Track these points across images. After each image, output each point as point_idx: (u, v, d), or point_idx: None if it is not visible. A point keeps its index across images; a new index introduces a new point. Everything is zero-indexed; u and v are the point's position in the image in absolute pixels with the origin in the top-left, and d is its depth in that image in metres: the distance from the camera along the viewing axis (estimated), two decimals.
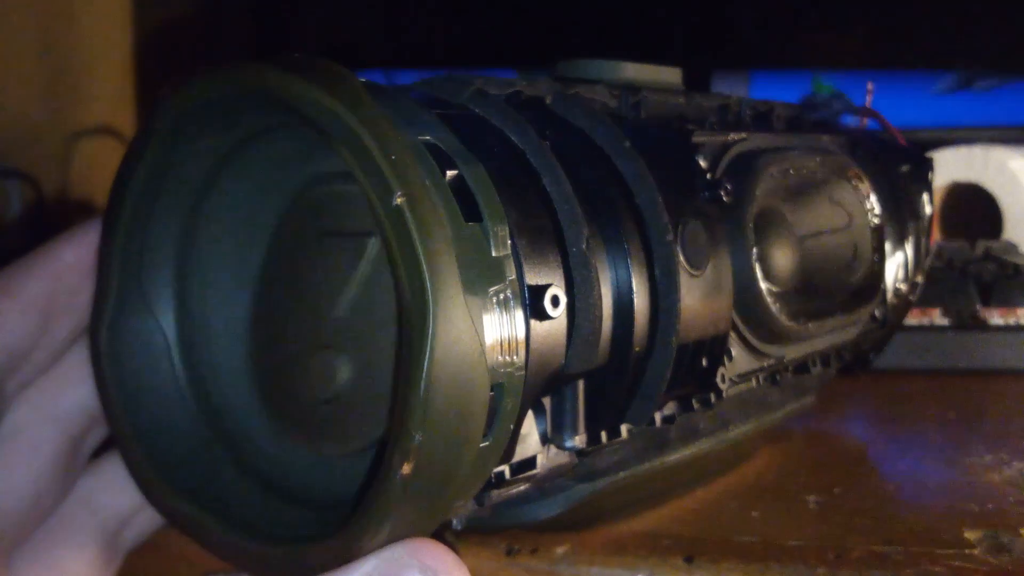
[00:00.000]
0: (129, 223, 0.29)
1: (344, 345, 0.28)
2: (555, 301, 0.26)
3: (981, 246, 0.74)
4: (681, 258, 0.31)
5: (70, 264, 0.31)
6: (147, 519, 0.33)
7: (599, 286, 0.28)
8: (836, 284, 0.42)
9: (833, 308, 0.41)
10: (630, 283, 0.29)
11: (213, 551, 0.29)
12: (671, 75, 0.39)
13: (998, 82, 0.83)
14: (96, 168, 0.93)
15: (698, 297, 0.32)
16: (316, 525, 0.28)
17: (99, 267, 0.30)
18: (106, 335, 0.30)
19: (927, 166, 0.50)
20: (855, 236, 0.44)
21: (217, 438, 0.31)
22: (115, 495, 0.33)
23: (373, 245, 0.28)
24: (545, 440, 0.29)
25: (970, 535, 0.35)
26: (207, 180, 0.30)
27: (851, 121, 0.53)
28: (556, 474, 0.30)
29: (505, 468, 0.28)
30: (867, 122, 0.56)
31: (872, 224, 0.45)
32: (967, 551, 0.33)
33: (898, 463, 0.43)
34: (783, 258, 0.39)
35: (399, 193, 0.23)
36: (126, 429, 0.30)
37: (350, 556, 0.25)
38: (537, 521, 0.33)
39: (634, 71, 0.37)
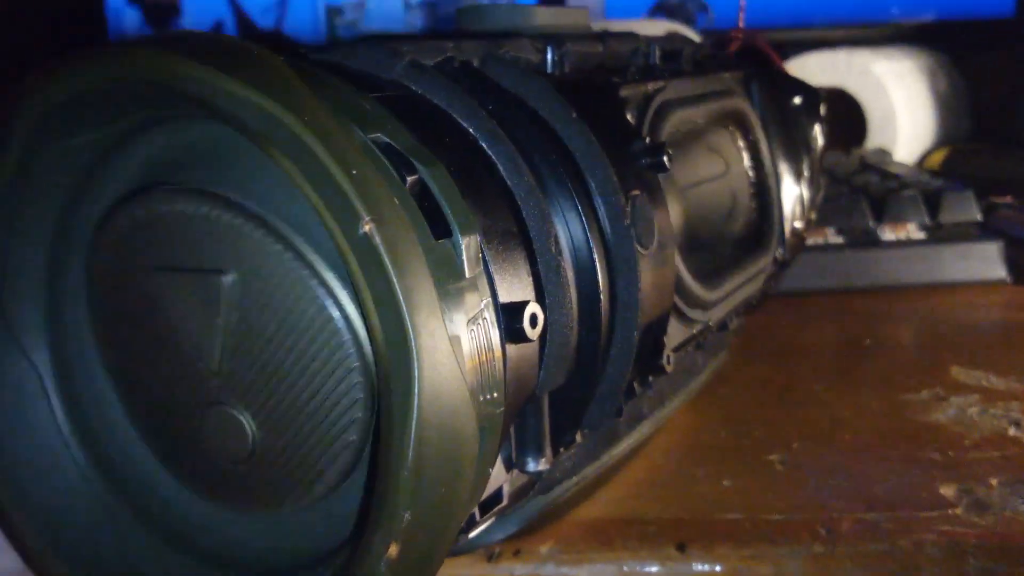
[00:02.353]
0: None
1: (237, 400, 0.23)
2: (533, 320, 0.22)
3: (855, 155, 0.74)
4: (634, 240, 0.28)
5: None
6: None
7: (570, 292, 0.24)
8: (718, 236, 0.40)
9: (725, 263, 0.39)
10: (595, 282, 0.26)
11: None
12: (580, 16, 0.35)
13: None
14: None
15: (648, 278, 0.29)
16: None
17: None
18: None
19: (818, 97, 0.48)
20: (732, 183, 0.41)
21: (116, 494, 0.25)
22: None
23: (231, 286, 0.22)
24: (510, 466, 0.26)
25: (945, 491, 0.34)
26: (83, 179, 0.24)
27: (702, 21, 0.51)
28: (518, 498, 0.27)
29: (475, 510, 0.24)
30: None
31: (748, 171, 0.43)
32: (950, 511, 0.32)
33: (837, 404, 0.41)
34: (676, 216, 0.36)
35: (367, 218, 0.19)
36: (3, 494, 0.24)
37: None
38: (491, 543, 0.29)
39: (546, 16, 0.33)
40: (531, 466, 0.26)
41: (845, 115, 0.83)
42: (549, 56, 0.31)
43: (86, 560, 0.24)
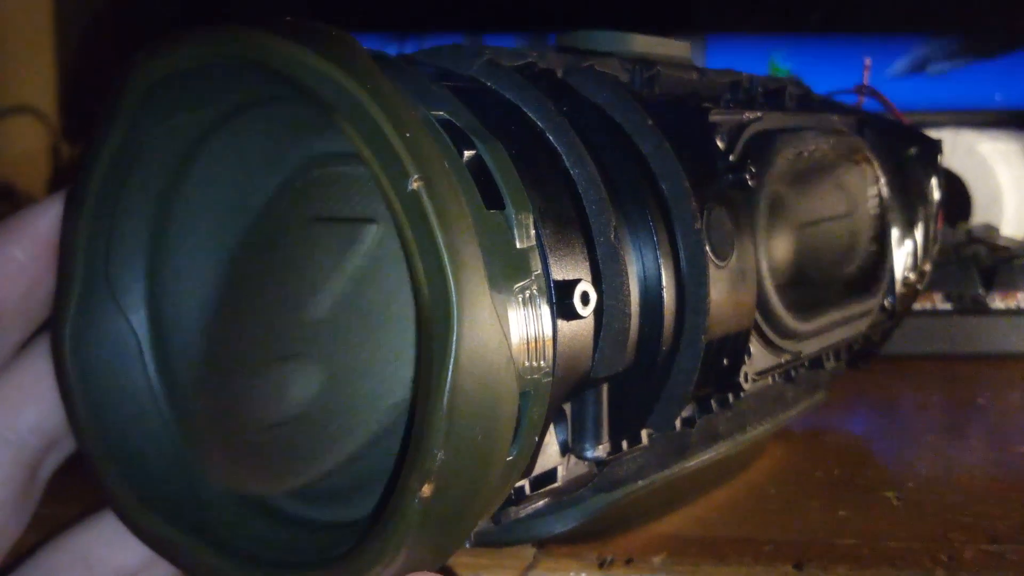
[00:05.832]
0: (95, 209, 0.26)
1: (312, 354, 0.25)
2: (585, 299, 0.23)
3: (962, 229, 0.73)
4: (707, 248, 0.28)
5: (22, 264, 0.27)
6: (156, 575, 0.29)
7: (628, 281, 0.25)
8: (828, 276, 0.40)
9: (828, 301, 0.39)
10: (659, 276, 0.27)
11: None
12: (680, 49, 0.36)
13: (951, 65, 0.82)
14: (14, 147, 0.91)
15: (724, 290, 0.29)
16: (314, 550, 0.25)
17: (61, 261, 0.27)
18: (70, 338, 0.26)
19: (935, 148, 0.48)
20: (854, 225, 0.41)
21: (193, 448, 0.27)
22: (117, 551, 0.28)
23: (372, 234, 0.25)
24: (565, 450, 0.26)
25: None
26: (184, 158, 0.26)
27: (846, 99, 0.51)
28: (575, 486, 0.27)
29: (525, 483, 0.25)
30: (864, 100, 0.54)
31: (872, 212, 0.42)
32: None
33: (951, 452, 0.41)
34: (782, 248, 0.36)
35: (415, 176, 0.20)
36: (95, 443, 0.26)
37: None
38: (551, 535, 0.30)
39: (644, 44, 0.35)
40: (588, 452, 0.26)
41: (949, 194, 0.83)
42: (637, 76, 0.32)
43: (165, 509, 0.26)
